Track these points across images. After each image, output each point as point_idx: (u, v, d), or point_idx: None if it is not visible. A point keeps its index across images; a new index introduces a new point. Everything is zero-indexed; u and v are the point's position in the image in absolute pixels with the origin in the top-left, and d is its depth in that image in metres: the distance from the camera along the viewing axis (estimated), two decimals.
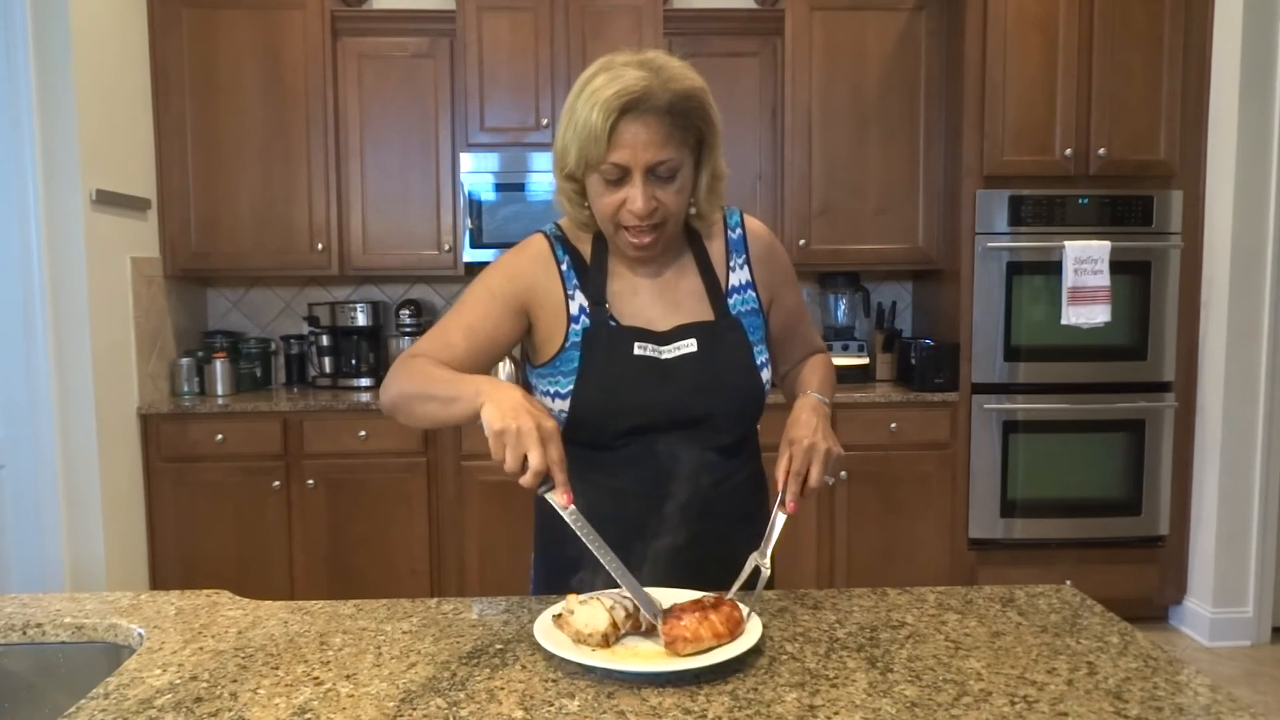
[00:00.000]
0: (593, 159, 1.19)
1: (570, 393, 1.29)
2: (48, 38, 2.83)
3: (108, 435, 3.02)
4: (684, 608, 1.05)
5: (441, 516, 3.30)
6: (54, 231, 2.87)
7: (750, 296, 1.36)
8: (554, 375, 1.31)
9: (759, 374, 1.32)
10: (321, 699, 0.94)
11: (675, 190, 1.23)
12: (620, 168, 1.19)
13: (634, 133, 1.17)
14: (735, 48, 3.47)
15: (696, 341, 1.30)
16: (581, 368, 1.28)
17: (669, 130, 1.19)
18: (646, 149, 1.18)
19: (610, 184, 1.21)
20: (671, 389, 1.27)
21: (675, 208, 1.24)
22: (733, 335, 1.32)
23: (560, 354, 1.30)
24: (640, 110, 1.17)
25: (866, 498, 3.32)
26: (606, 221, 1.25)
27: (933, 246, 3.49)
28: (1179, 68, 3.23)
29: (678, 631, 1.00)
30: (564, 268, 1.32)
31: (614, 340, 1.29)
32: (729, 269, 1.36)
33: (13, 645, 1.17)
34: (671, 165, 1.20)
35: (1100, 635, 1.10)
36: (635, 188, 1.20)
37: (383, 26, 3.45)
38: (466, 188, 3.40)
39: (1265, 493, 3.25)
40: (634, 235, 1.24)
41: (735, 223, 1.38)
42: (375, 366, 3.65)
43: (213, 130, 3.40)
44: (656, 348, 1.29)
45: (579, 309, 1.31)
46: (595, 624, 1.03)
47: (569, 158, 1.22)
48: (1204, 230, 3.30)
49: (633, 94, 1.16)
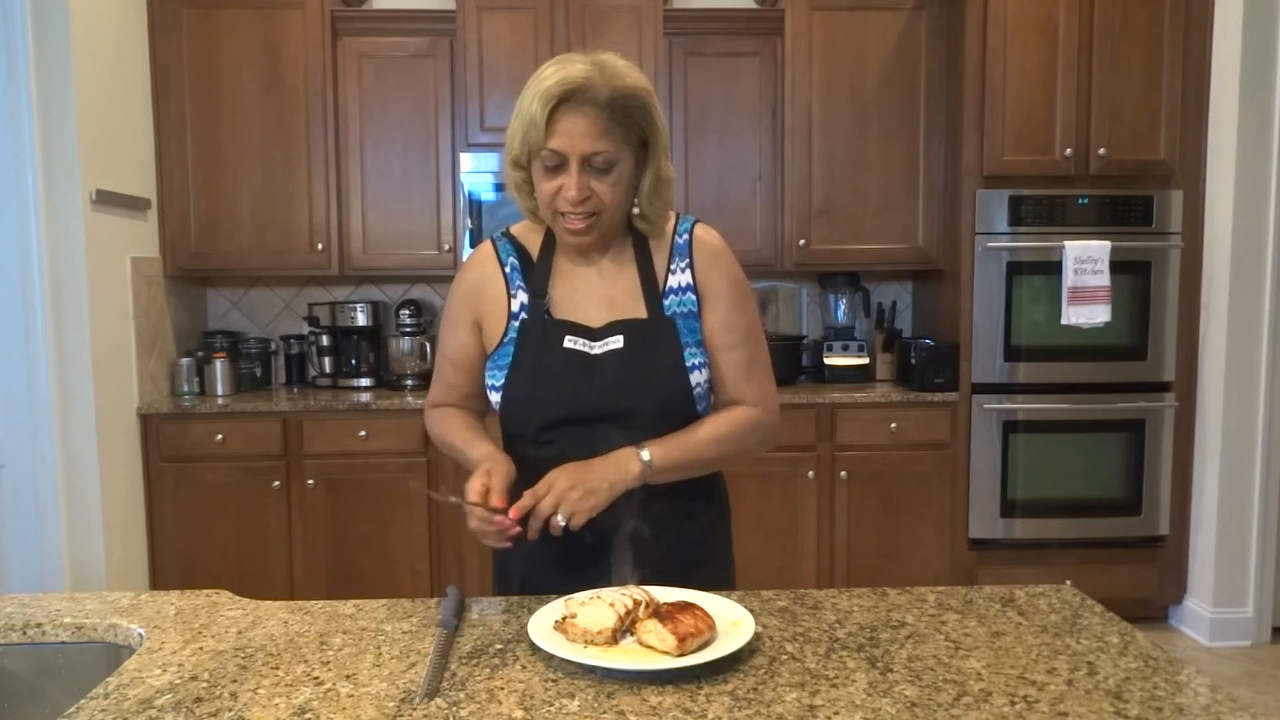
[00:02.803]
0: (534, 145, 1.25)
1: (502, 385, 1.34)
2: (48, 38, 2.83)
3: (108, 435, 3.02)
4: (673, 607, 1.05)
5: (441, 516, 3.29)
6: (54, 231, 2.87)
7: (690, 299, 1.36)
8: (493, 369, 1.37)
9: (686, 374, 1.32)
10: (321, 699, 0.94)
11: (611, 183, 1.27)
12: (558, 154, 1.24)
13: (571, 122, 1.23)
14: (735, 48, 3.47)
15: (624, 338, 1.32)
16: (514, 358, 1.34)
17: (607, 124, 1.23)
18: (583, 139, 1.23)
19: (549, 170, 1.26)
20: (596, 383, 1.30)
21: (610, 200, 1.28)
22: (663, 334, 1.33)
23: (500, 348, 1.36)
24: (579, 101, 1.22)
25: (866, 498, 3.32)
26: (546, 208, 1.30)
27: (933, 246, 3.49)
28: (1179, 68, 3.23)
29: (685, 629, 1.01)
30: (508, 269, 1.39)
31: (546, 332, 1.33)
32: (669, 270, 1.37)
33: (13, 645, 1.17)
34: (608, 158, 1.25)
35: (1100, 635, 1.10)
36: (570, 175, 1.25)
37: (383, 26, 3.45)
38: (466, 187, 3.40)
39: (1265, 493, 3.25)
40: (569, 222, 1.28)
41: (684, 229, 1.39)
42: (375, 366, 3.65)
43: (213, 130, 3.40)
44: (588, 343, 1.32)
45: (520, 305, 1.36)
46: (603, 622, 1.04)
47: (514, 144, 1.29)
48: (1204, 230, 3.30)
49: (573, 84, 1.22)
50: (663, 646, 1.00)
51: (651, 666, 0.98)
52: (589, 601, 1.07)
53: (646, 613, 1.06)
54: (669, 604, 1.07)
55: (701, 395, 1.36)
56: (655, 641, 1.01)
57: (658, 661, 0.99)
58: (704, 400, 1.37)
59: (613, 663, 0.99)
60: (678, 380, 1.32)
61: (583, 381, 1.30)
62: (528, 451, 1.33)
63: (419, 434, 3.24)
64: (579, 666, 1.00)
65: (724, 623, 1.07)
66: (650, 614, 1.05)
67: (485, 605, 1.22)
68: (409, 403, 3.28)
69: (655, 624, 1.02)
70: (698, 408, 1.36)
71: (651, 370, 1.32)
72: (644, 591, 1.10)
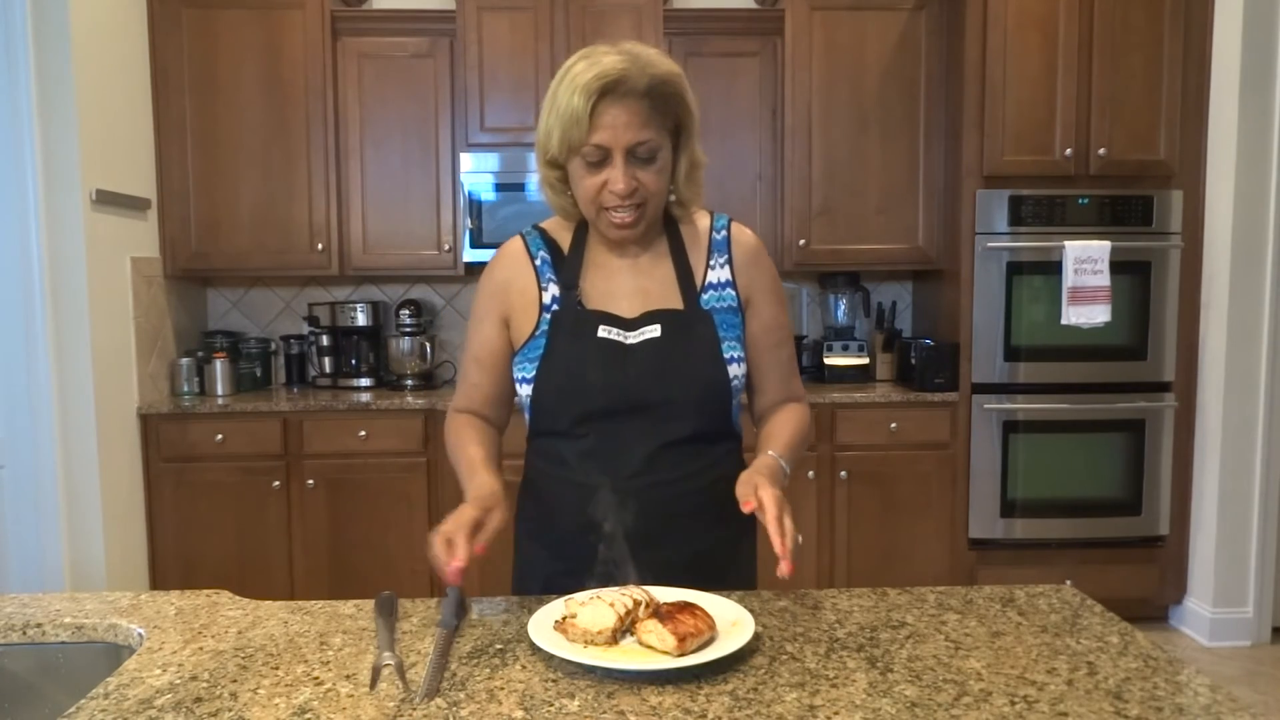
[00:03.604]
0: (575, 142, 1.23)
1: (534, 377, 1.31)
2: (48, 38, 2.83)
3: (108, 435, 3.02)
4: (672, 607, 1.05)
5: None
6: (54, 231, 2.87)
7: (729, 295, 1.35)
8: (523, 362, 1.34)
9: (724, 366, 1.31)
10: (321, 699, 0.94)
11: (655, 171, 1.26)
12: (601, 149, 1.23)
13: (614, 115, 1.21)
14: (735, 48, 3.47)
15: (661, 327, 1.30)
16: (547, 349, 1.31)
17: (648, 113, 1.23)
18: (626, 130, 1.22)
19: (592, 166, 1.25)
20: (631, 373, 1.28)
21: (655, 188, 1.27)
22: (700, 326, 1.32)
23: (531, 340, 1.34)
24: (619, 93, 1.21)
25: (866, 498, 3.32)
26: (589, 204, 1.28)
27: (933, 246, 3.49)
28: (1179, 68, 3.23)
29: (685, 629, 1.01)
30: (538, 262, 1.37)
31: (580, 322, 1.31)
32: (708, 266, 1.36)
33: (13, 645, 1.17)
34: (651, 146, 1.24)
35: (1100, 635, 1.10)
36: (616, 169, 1.23)
37: (383, 26, 3.45)
38: (466, 187, 3.40)
39: (1265, 493, 3.25)
40: (616, 215, 1.27)
41: (721, 225, 1.39)
42: (375, 366, 3.66)
43: (213, 130, 3.40)
44: (622, 333, 1.31)
45: (552, 298, 1.34)
46: (603, 622, 1.03)
47: (552, 142, 1.26)
48: (1204, 230, 3.30)
49: (611, 77, 1.20)
50: (663, 646, 1.00)
51: (651, 667, 0.98)
52: (589, 601, 1.07)
53: (646, 613, 1.06)
54: (669, 604, 1.07)
55: (737, 390, 1.34)
56: (655, 641, 1.01)
57: (658, 661, 0.99)
58: (739, 394, 1.36)
59: (613, 663, 0.98)
60: (716, 372, 1.30)
61: (617, 371, 1.28)
62: (558, 446, 1.31)
63: (419, 434, 3.24)
64: (579, 666, 1.00)
65: (724, 623, 1.07)
66: (650, 614, 1.05)
67: (485, 605, 1.22)
68: (409, 403, 3.28)
69: (655, 624, 1.02)
70: (732, 402, 1.34)
71: (690, 360, 1.30)
72: (644, 591, 1.10)
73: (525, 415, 1.39)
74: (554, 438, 1.33)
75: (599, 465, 1.28)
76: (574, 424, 1.30)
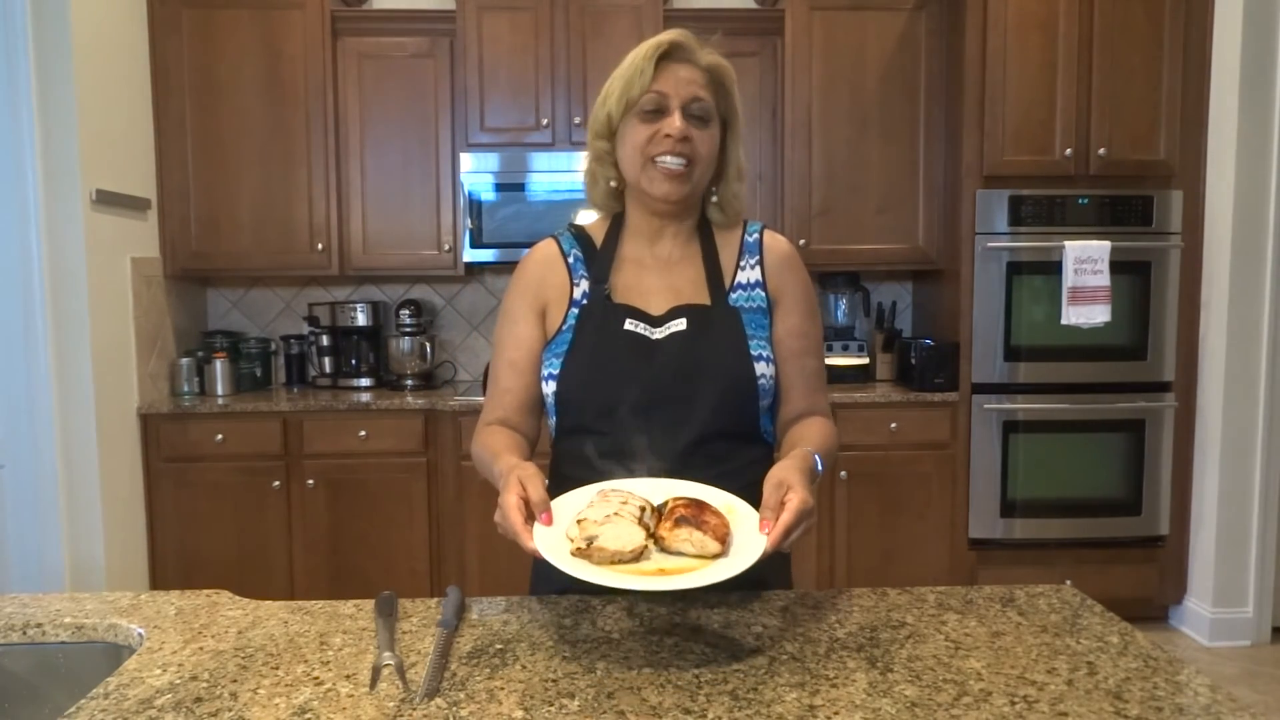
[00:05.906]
0: (634, 94, 1.27)
1: (559, 372, 1.30)
2: (48, 38, 2.83)
3: (108, 435, 3.02)
4: (687, 509, 1.03)
5: (441, 516, 3.30)
6: (54, 231, 2.87)
7: (758, 295, 1.35)
8: (549, 358, 1.33)
9: (750, 362, 1.28)
10: (321, 699, 0.94)
11: (708, 135, 1.29)
12: (660, 95, 1.27)
13: (674, 70, 1.28)
14: (735, 48, 3.47)
15: (687, 321, 1.30)
16: (573, 342, 1.30)
17: (706, 83, 1.29)
18: (688, 84, 1.27)
19: (647, 115, 1.27)
20: (656, 367, 1.27)
21: (705, 152, 1.29)
22: (727, 322, 1.31)
23: (557, 335, 1.33)
24: (682, 56, 1.29)
25: (866, 498, 3.32)
26: (637, 155, 1.29)
27: (933, 246, 3.49)
28: (1179, 68, 3.23)
29: (721, 530, 1.00)
30: (571, 259, 1.37)
31: (607, 315, 1.31)
32: (738, 267, 1.36)
33: (13, 645, 1.17)
34: (706, 107, 1.28)
35: (1100, 635, 1.10)
36: (673, 115, 1.26)
37: (383, 26, 3.45)
38: (466, 187, 3.40)
39: (1265, 493, 3.25)
40: (668, 162, 1.27)
41: (754, 230, 1.40)
42: (375, 366, 3.66)
43: (213, 130, 3.40)
44: (649, 328, 1.30)
45: (582, 293, 1.34)
46: (634, 540, 0.99)
47: (610, 102, 1.30)
48: (1204, 230, 3.30)
49: (676, 42, 1.28)
50: (704, 552, 0.97)
51: (723, 575, 0.95)
52: (603, 521, 1.01)
53: (665, 520, 1.02)
54: (679, 504, 1.03)
55: (765, 391, 1.30)
56: (691, 549, 0.97)
57: (723, 569, 0.96)
58: (767, 397, 1.31)
59: (684, 581, 0.94)
60: (742, 367, 1.28)
61: (643, 365, 1.26)
62: (583, 443, 1.28)
63: (419, 434, 3.25)
64: (579, 666, 0.99)
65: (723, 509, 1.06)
66: (672, 520, 1.02)
67: (485, 605, 1.22)
68: (409, 403, 3.28)
69: (690, 530, 0.99)
70: (760, 403, 1.30)
71: (716, 354, 1.28)
72: (628, 493, 1.06)
73: (550, 419, 1.36)
74: (578, 435, 1.30)
75: (623, 463, 1.26)
76: (598, 418, 1.27)
